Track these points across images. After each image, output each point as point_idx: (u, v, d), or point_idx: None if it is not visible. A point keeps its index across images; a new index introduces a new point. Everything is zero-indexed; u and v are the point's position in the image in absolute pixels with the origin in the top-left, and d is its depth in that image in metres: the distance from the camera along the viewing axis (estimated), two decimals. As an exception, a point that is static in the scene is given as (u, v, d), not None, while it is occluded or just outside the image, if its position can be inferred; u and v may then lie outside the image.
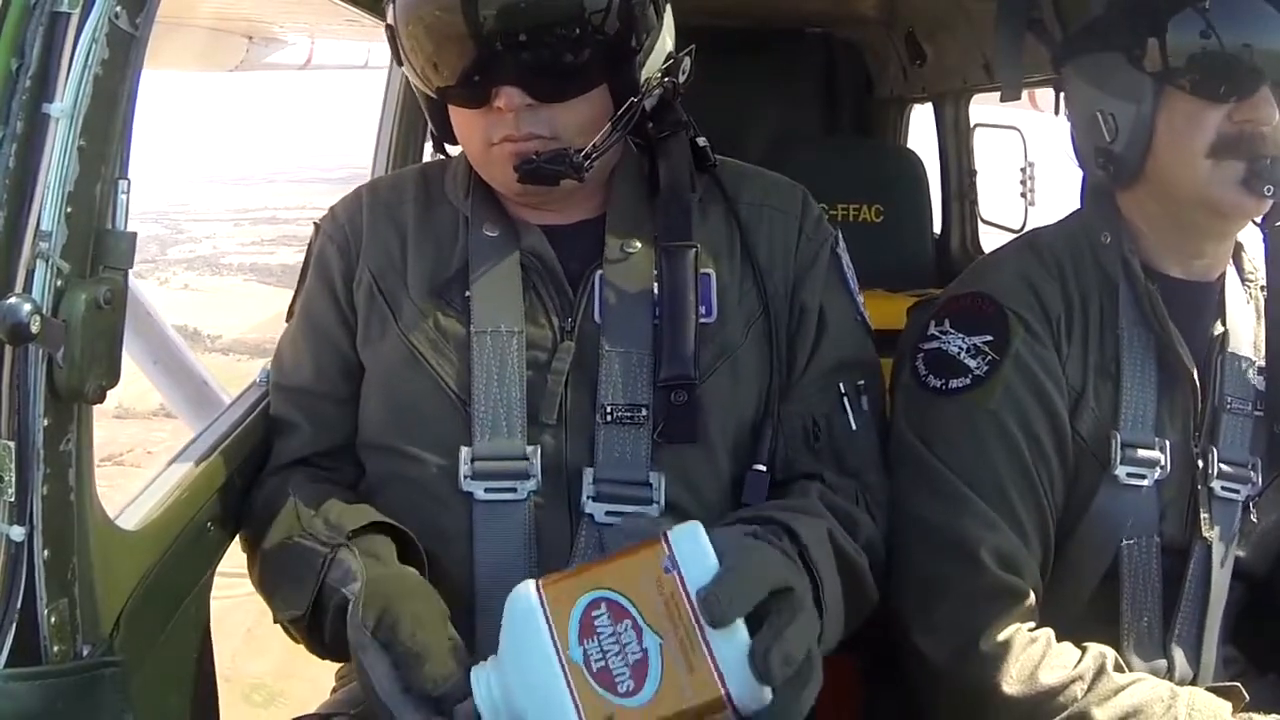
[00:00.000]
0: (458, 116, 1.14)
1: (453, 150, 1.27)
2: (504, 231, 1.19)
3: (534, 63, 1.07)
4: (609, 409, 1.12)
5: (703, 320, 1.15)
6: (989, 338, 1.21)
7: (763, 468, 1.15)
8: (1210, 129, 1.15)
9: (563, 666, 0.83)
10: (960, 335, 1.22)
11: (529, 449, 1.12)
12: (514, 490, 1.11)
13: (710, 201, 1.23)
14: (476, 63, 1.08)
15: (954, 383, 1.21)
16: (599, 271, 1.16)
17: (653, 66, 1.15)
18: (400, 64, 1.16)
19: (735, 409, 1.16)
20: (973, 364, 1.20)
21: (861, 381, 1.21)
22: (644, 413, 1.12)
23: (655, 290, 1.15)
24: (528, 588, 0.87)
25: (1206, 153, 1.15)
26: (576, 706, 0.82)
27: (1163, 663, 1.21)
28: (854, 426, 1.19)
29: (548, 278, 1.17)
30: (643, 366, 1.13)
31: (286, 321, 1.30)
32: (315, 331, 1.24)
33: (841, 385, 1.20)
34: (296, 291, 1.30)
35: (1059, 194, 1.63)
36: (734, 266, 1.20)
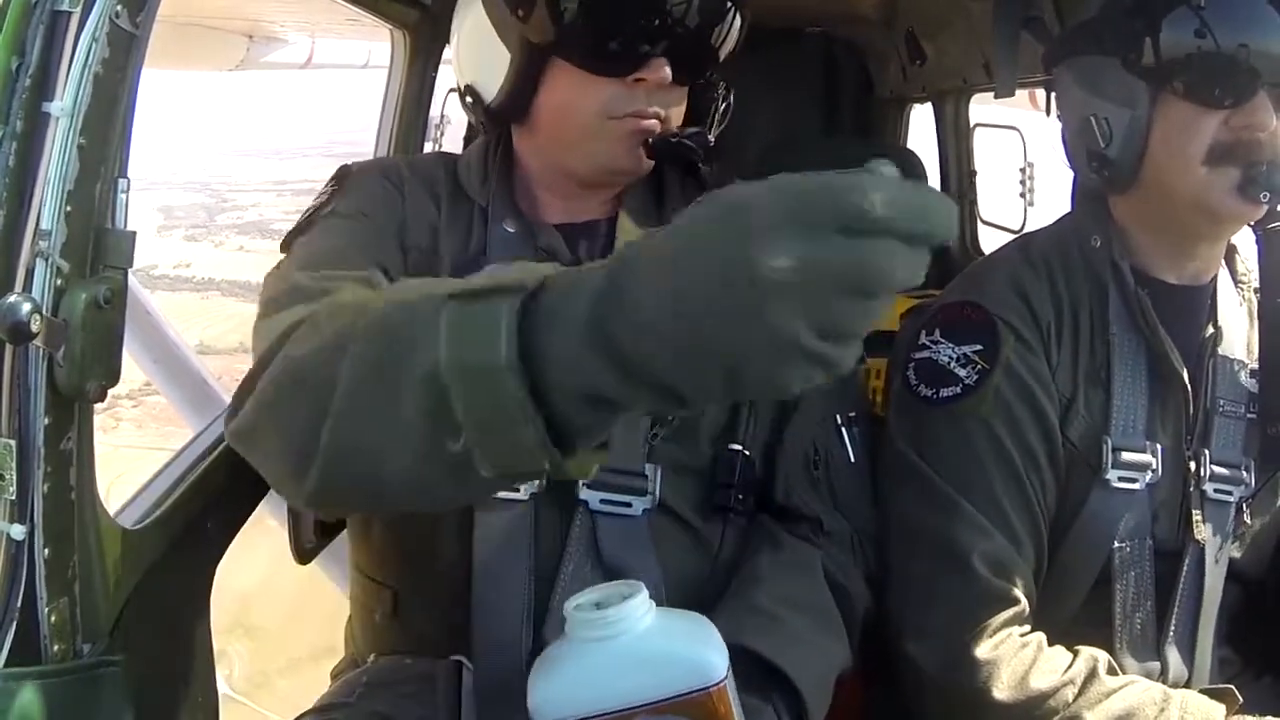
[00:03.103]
0: (578, 85, 1.10)
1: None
2: (521, 230, 1.19)
3: (686, 42, 1.10)
4: None
5: None
6: (979, 347, 1.22)
7: (738, 447, 1.16)
8: (1207, 135, 1.15)
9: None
10: (950, 345, 1.24)
11: None
12: (517, 491, 1.11)
13: None
14: (643, 31, 1.08)
15: (944, 392, 1.22)
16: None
17: None
18: (522, 17, 1.10)
19: (723, 407, 1.17)
20: (963, 373, 1.22)
21: (853, 412, 1.24)
22: None
23: None
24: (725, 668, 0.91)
25: (1203, 159, 1.15)
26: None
27: (1156, 665, 1.21)
28: (851, 459, 1.22)
29: None
30: None
31: (280, 264, 1.09)
32: (369, 236, 1.10)
33: (838, 416, 1.22)
34: (315, 213, 1.14)
35: (1059, 194, 1.63)
36: None
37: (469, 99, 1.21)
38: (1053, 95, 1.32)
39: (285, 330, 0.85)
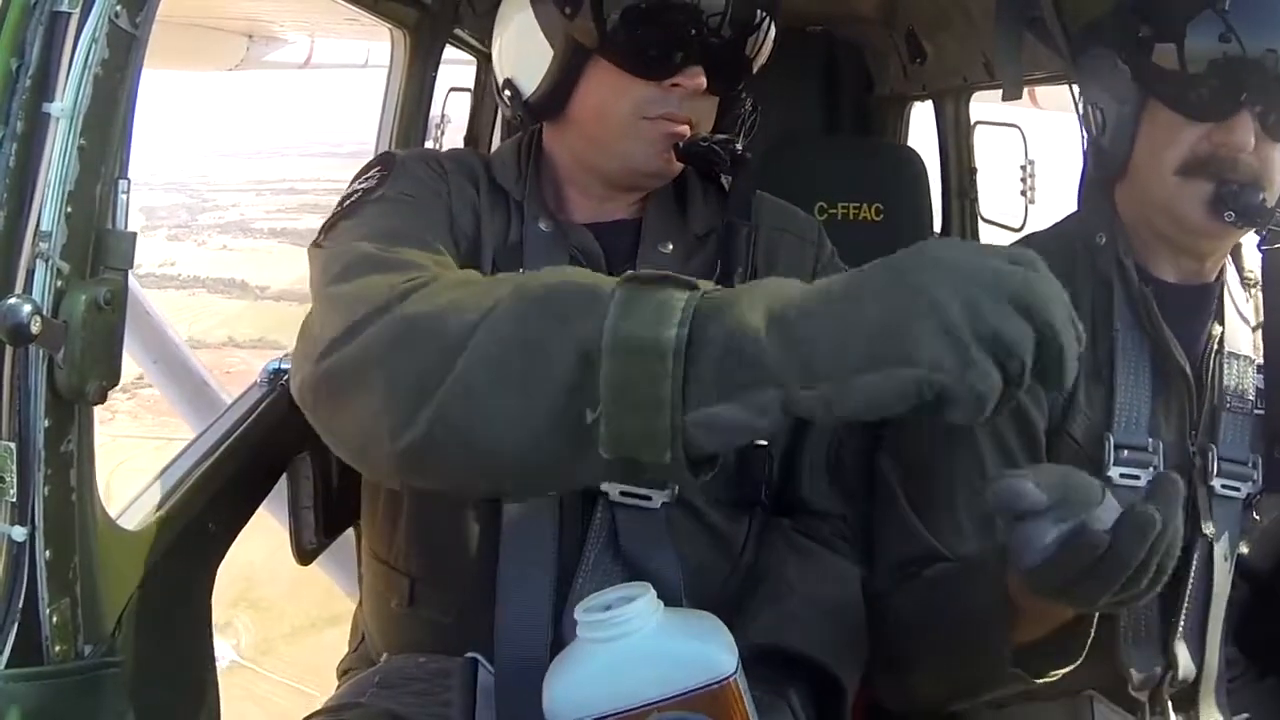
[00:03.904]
0: (616, 84, 1.13)
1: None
2: (554, 229, 1.20)
3: (719, 52, 1.13)
4: None
5: None
6: None
7: (764, 443, 1.18)
8: (1185, 145, 1.16)
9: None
10: None
11: None
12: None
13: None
14: (683, 39, 1.11)
15: None
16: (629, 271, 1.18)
17: None
18: (569, 15, 1.12)
19: None
20: None
21: None
22: None
23: None
24: (735, 664, 0.93)
25: (1176, 169, 1.16)
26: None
27: (1164, 662, 1.21)
28: (859, 447, 1.26)
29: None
30: None
31: (321, 242, 1.07)
32: (428, 218, 1.09)
33: None
34: (363, 196, 1.11)
35: (1059, 192, 1.63)
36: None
37: (507, 93, 1.23)
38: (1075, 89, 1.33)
39: (393, 294, 0.85)
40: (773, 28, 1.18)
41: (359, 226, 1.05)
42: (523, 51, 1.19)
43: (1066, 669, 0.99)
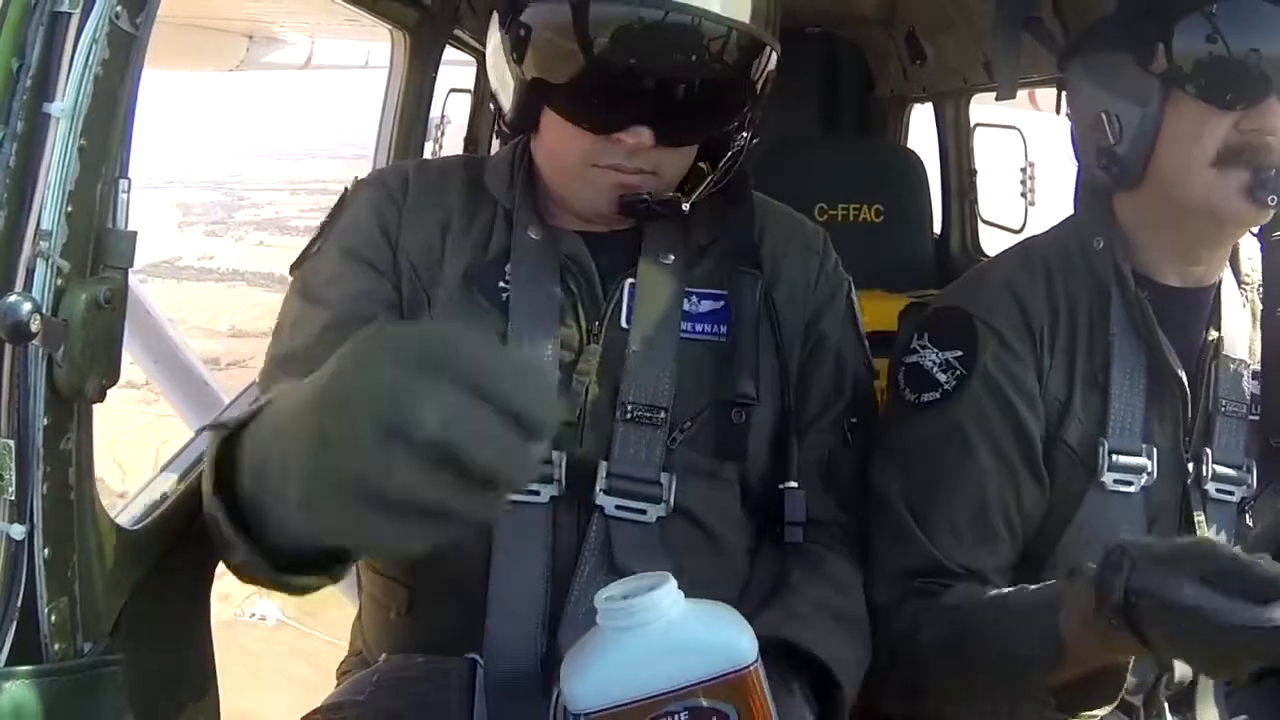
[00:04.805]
0: (564, 131, 1.11)
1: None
2: (545, 236, 1.19)
3: (670, 108, 1.08)
4: (629, 407, 1.15)
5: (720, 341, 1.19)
6: (959, 352, 1.23)
7: (795, 484, 1.19)
8: (1216, 136, 1.13)
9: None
10: (935, 350, 1.25)
11: (555, 454, 1.13)
12: (538, 494, 1.13)
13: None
14: (620, 96, 1.07)
15: (925, 397, 1.24)
16: (629, 280, 1.19)
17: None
18: (517, 60, 1.11)
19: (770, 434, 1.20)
20: (943, 378, 1.23)
21: (854, 419, 1.27)
22: (662, 415, 1.15)
23: (684, 303, 1.19)
24: (755, 653, 0.93)
25: (1211, 161, 1.14)
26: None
27: (1157, 669, 1.21)
28: (855, 457, 1.26)
29: (583, 282, 1.18)
30: (665, 371, 1.16)
31: (293, 274, 1.20)
32: (358, 260, 1.17)
33: (845, 423, 1.26)
34: (319, 235, 1.22)
35: (1059, 194, 1.63)
36: (754, 297, 1.21)
37: (493, 105, 1.23)
38: (1064, 93, 1.32)
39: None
40: (733, 83, 1.11)
41: (308, 273, 1.19)
42: (496, 71, 1.18)
43: (1101, 709, 1.00)
